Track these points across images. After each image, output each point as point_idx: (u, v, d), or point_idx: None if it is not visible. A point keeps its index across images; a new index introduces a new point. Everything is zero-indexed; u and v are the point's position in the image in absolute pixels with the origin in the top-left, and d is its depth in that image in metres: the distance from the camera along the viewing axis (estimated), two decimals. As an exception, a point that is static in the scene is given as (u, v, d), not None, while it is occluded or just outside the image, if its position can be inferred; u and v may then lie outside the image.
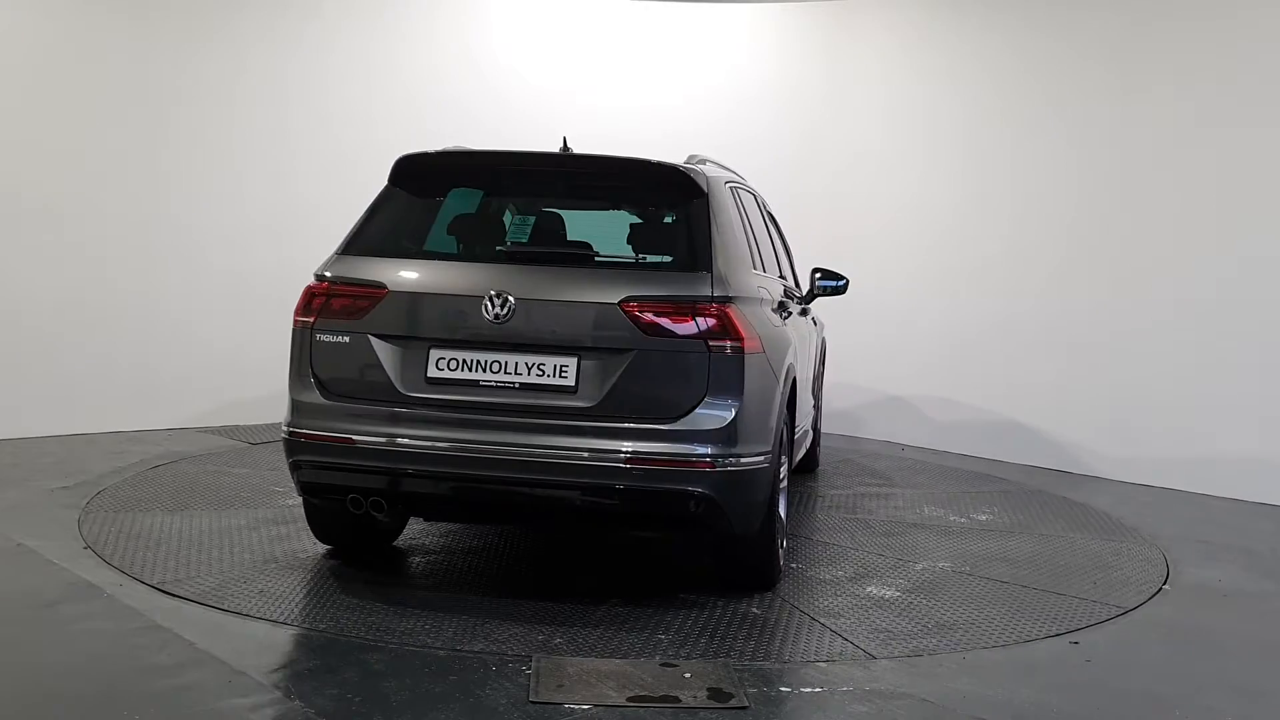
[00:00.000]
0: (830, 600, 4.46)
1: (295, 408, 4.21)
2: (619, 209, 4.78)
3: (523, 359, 4.02)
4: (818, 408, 6.99)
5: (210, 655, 3.56)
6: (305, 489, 4.28)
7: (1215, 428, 7.14)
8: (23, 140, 7.04)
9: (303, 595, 4.20)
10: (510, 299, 4.00)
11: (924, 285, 8.49)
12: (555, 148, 4.76)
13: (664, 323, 3.96)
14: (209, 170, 7.64)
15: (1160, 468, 7.38)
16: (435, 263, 4.37)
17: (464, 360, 4.05)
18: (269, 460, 6.41)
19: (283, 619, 3.94)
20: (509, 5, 8.79)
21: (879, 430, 8.76)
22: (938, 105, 8.53)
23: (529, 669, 3.54)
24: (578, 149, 4.83)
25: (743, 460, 4.02)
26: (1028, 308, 8.02)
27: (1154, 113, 7.41)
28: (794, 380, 4.81)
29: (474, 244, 4.53)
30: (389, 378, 4.08)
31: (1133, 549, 5.47)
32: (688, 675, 3.56)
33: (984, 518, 6.06)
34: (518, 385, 4.02)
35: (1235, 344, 7.05)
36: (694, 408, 3.95)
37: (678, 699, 3.38)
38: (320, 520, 4.63)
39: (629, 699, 3.35)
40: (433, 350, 4.08)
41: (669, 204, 4.43)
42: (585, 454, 3.91)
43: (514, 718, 3.20)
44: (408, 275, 4.23)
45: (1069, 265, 7.83)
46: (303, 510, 4.75)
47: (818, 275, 6.21)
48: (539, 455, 3.93)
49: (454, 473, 4.03)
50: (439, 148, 4.59)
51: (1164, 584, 5.01)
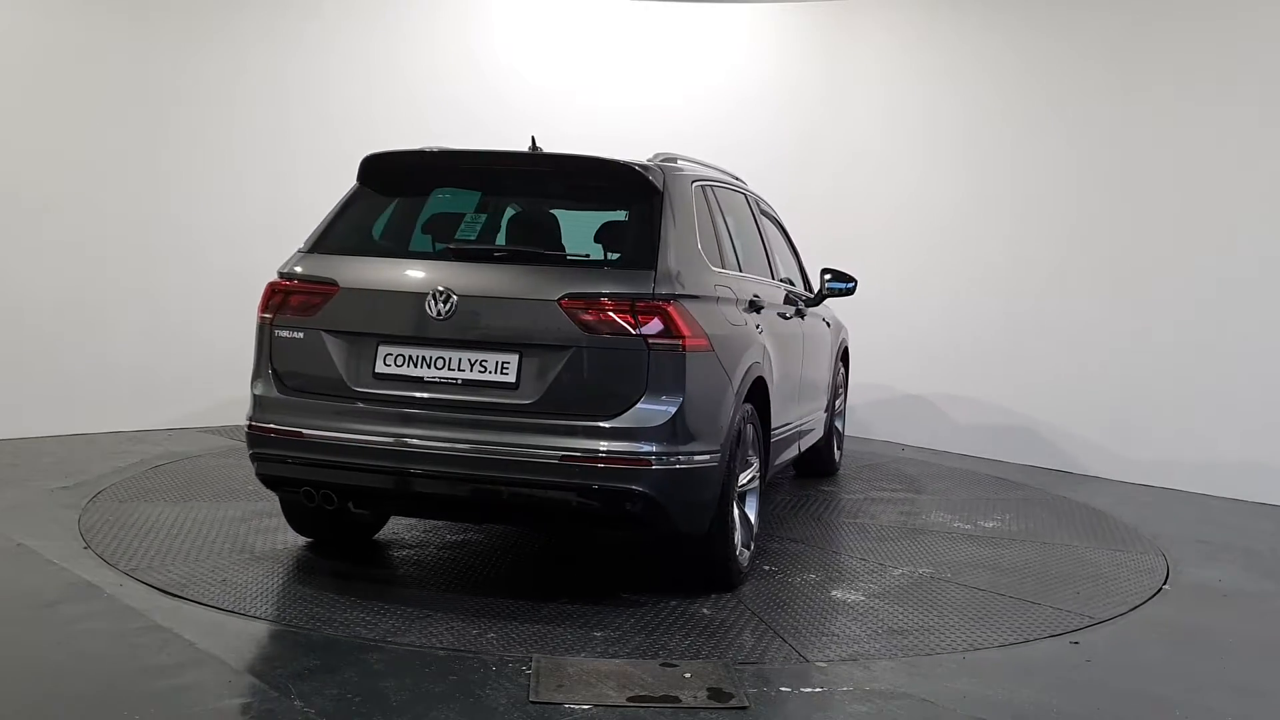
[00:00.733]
0: (787, 603, 4.40)
1: (254, 402, 4.33)
2: (576, 207, 4.76)
3: (465, 355, 4.05)
4: (833, 410, 6.89)
5: (210, 655, 3.56)
6: (264, 481, 4.39)
7: (1215, 428, 7.14)
8: (22, 140, 7.03)
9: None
10: (453, 296, 4.04)
11: (924, 285, 8.50)
12: (552, 147, 4.76)
13: (602, 320, 3.95)
14: (209, 170, 7.64)
15: (1160, 468, 7.38)
16: (385, 260, 4.40)
17: (409, 356, 4.10)
18: (269, 460, 6.39)
19: (283, 619, 3.94)
20: (509, 5, 8.79)
21: (880, 430, 8.76)
22: (937, 105, 8.53)
23: (529, 669, 3.54)
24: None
25: (684, 459, 4.00)
26: (1028, 308, 8.02)
27: (1154, 112, 7.41)
28: (766, 380, 4.73)
29: (424, 242, 4.56)
30: (340, 373, 4.17)
31: (1134, 560, 5.33)
32: (688, 675, 3.56)
33: (990, 524, 5.96)
34: (460, 382, 4.05)
35: (1235, 344, 7.05)
36: (632, 405, 3.94)
37: (678, 699, 3.38)
38: (295, 513, 4.72)
39: (629, 699, 3.35)
40: (381, 346, 4.14)
41: (623, 202, 4.42)
42: (523, 451, 3.92)
43: (514, 718, 3.19)
44: (358, 273, 4.28)
45: (1069, 265, 7.83)
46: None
47: (827, 276, 6.22)
48: (478, 452, 3.95)
49: (396, 467, 4.06)
50: (411, 147, 4.64)
51: (1164, 584, 5.01)
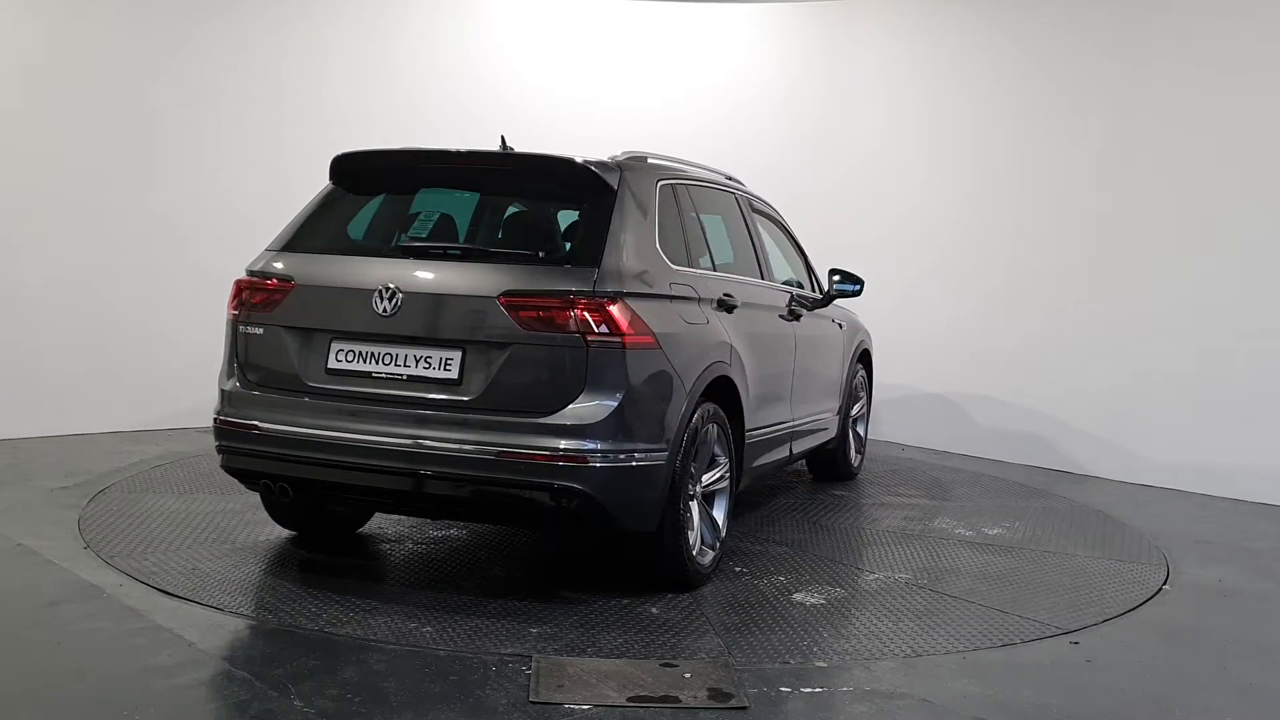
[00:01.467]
0: (742, 605, 4.36)
1: (220, 396, 4.44)
2: (533, 205, 4.75)
3: (411, 351, 4.11)
4: (848, 414, 6.80)
5: (210, 655, 3.56)
6: (229, 473, 4.51)
7: (1215, 428, 7.14)
8: (22, 140, 7.04)
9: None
10: (398, 293, 4.09)
11: (925, 286, 8.49)
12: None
13: (540, 317, 3.97)
14: (209, 171, 7.64)
15: (1160, 468, 7.38)
16: (340, 258, 4.44)
17: (359, 352, 4.18)
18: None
19: (283, 619, 3.94)
20: (508, 5, 8.79)
21: (880, 431, 8.75)
22: (939, 105, 8.52)
23: (529, 669, 3.54)
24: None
25: (625, 456, 4.01)
26: (1028, 307, 8.02)
27: (1158, 112, 7.41)
28: (734, 379, 4.71)
29: (377, 240, 4.60)
30: (295, 369, 4.27)
31: (1130, 571, 5.16)
32: (688, 675, 3.56)
33: (995, 532, 5.80)
34: (406, 377, 4.11)
35: (1236, 344, 7.05)
36: (570, 402, 3.95)
37: (678, 699, 3.38)
38: (273, 506, 4.83)
39: (629, 699, 3.35)
40: (333, 342, 4.22)
41: (578, 199, 4.42)
42: (463, 446, 3.96)
43: (514, 718, 3.20)
44: (314, 270, 4.36)
45: (1070, 265, 7.83)
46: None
47: (836, 278, 6.20)
48: (421, 447, 4.00)
49: (344, 461, 4.12)
50: (381, 146, 4.71)
51: (1164, 584, 5.01)
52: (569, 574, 4.82)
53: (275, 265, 4.42)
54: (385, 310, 4.10)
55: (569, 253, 4.28)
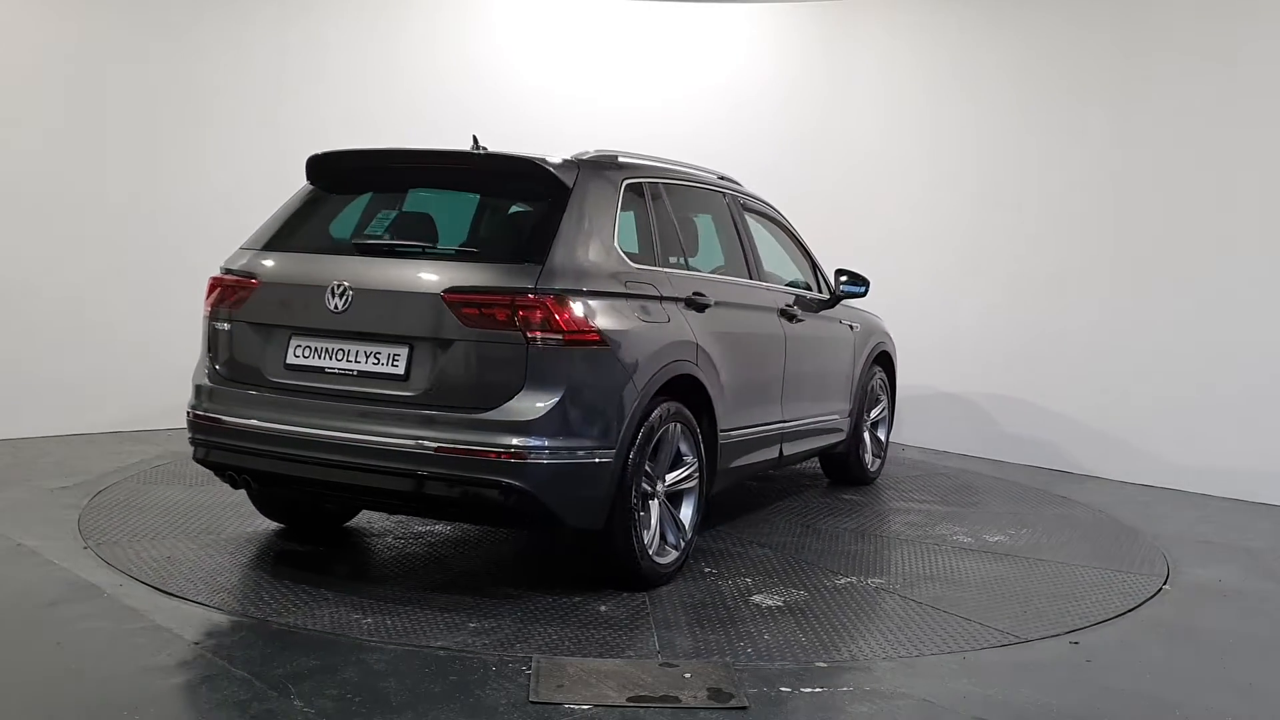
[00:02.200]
0: (695, 605, 4.32)
1: (193, 390, 4.56)
2: (491, 203, 4.79)
3: (362, 348, 4.19)
4: (860, 416, 6.70)
5: (210, 655, 3.56)
6: (201, 465, 4.60)
7: (1215, 428, 7.14)
8: (22, 140, 7.04)
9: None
10: (349, 290, 4.17)
11: (925, 286, 8.49)
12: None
13: (482, 314, 4.01)
14: (209, 171, 7.64)
15: (1160, 468, 7.38)
16: (300, 255, 4.51)
17: (315, 348, 4.28)
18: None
19: (283, 619, 3.94)
20: (509, 5, 8.79)
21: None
22: (940, 105, 8.52)
23: (529, 669, 3.55)
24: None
25: (565, 453, 4.02)
26: (1029, 307, 8.02)
27: (1159, 111, 7.40)
28: (702, 378, 4.69)
29: (336, 238, 4.65)
30: (258, 364, 4.39)
31: (1123, 582, 4.94)
32: (688, 675, 3.57)
33: (995, 539, 5.65)
34: (357, 373, 4.19)
35: (1236, 344, 7.05)
36: (510, 399, 3.97)
37: (678, 699, 3.38)
38: (257, 499, 4.97)
39: (629, 699, 3.35)
40: (293, 338, 4.32)
41: (534, 197, 4.45)
42: (405, 442, 4.01)
43: (514, 718, 3.20)
44: (276, 267, 4.47)
45: (1070, 264, 7.83)
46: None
47: (843, 278, 6.18)
48: (367, 442, 4.06)
49: (298, 455, 4.21)
50: (354, 146, 4.78)
51: (1164, 584, 5.01)
52: (537, 572, 4.81)
53: (242, 263, 4.55)
54: (337, 307, 4.19)
55: (516, 250, 4.29)
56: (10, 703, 3.23)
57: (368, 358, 4.17)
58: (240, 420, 4.34)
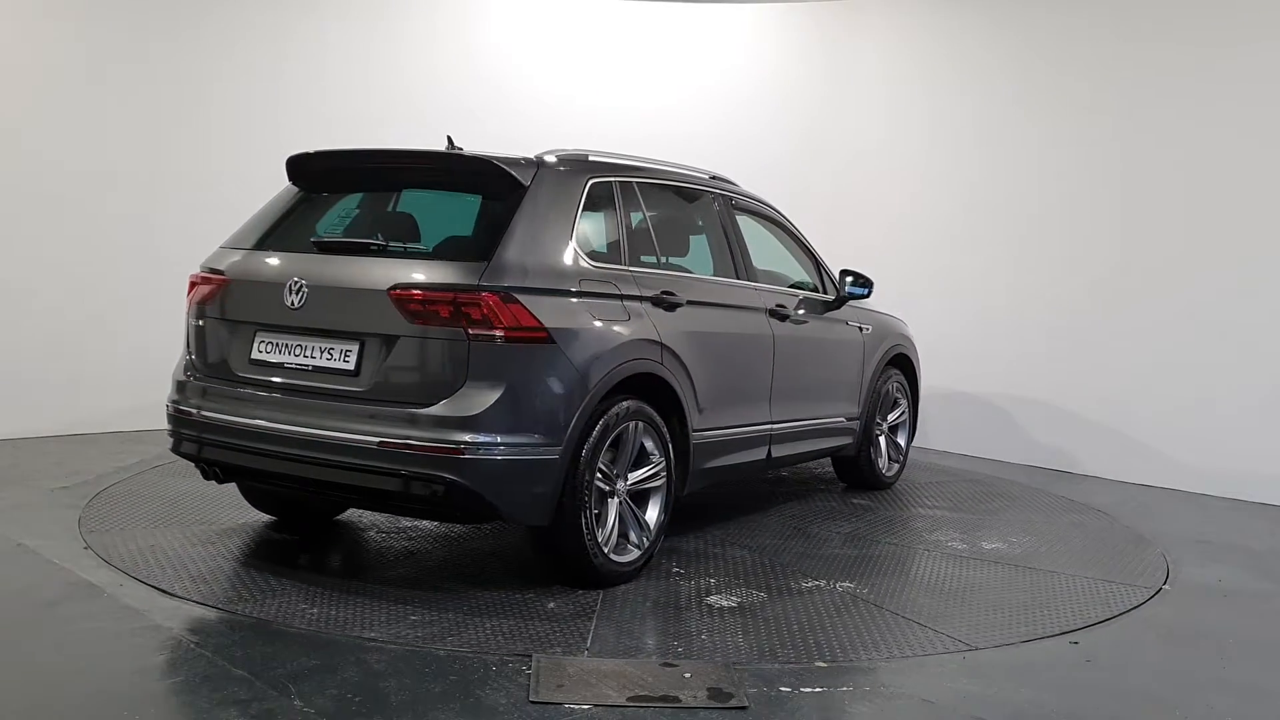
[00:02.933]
0: (645, 604, 4.30)
1: (173, 384, 4.70)
2: (449, 201, 4.82)
3: (317, 343, 4.27)
4: (871, 419, 6.55)
5: (210, 655, 3.56)
6: (180, 457, 4.71)
7: (1215, 428, 7.14)
8: (23, 140, 7.04)
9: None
10: (305, 287, 4.26)
11: (925, 285, 8.49)
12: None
13: (426, 310, 4.05)
14: (210, 172, 7.64)
15: (1160, 468, 7.38)
16: (265, 253, 4.60)
17: (275, 344, 4.38)
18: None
19: (283, 618, 3.94)
20: (509, 5, 8.79)
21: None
22: (940, 104, 8.53)
23: (529, 669, 3.55)
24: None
25: (506, 449, 4.02)
26: (1029, 307, 8.02)
27: (1160, 111, 7.40)
28: (668, 378, 4.68)
29: (299, 236, 4.70)
30: (227, 359, 4.51)
31: (1113, 593, 4.75)
32: (688, 675, 3.57)
33: (991, 546, 5.49)
34: (312, 368, 4.27)
35: (1236, 344, 7.05)
36: (451, 394, 4.01)
37: (678, 699, 3.38)
38: (246, 492, 5.11)
39: (629, 699, 3.35)
40: (257, 334, 4.43)
41: (492, 196, 4.48)
42: (350, 436, 4.07)
43: (514, 718, 3.20)
44: (243, 265, 4.58)
45: (1070, 264, 7.83)
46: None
47: (849, 279, 6.14)
48: (317, 436, 4.14)
49: (257, 448, 4.32)
50: (334, 147, 4.85)
51: (1164, 584, 5.01)
52: (502, 567, 4.80)
53: (215, 261, 4.68)
54: (294, 304, 4.28)
55: (465, 248, 4.33)
56: (11, 703, 3.23)
57: (322, 353, 4.26)
58: (208, 414, 4.47)
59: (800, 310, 5.88)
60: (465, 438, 3.97)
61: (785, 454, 5.84)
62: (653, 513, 4.68)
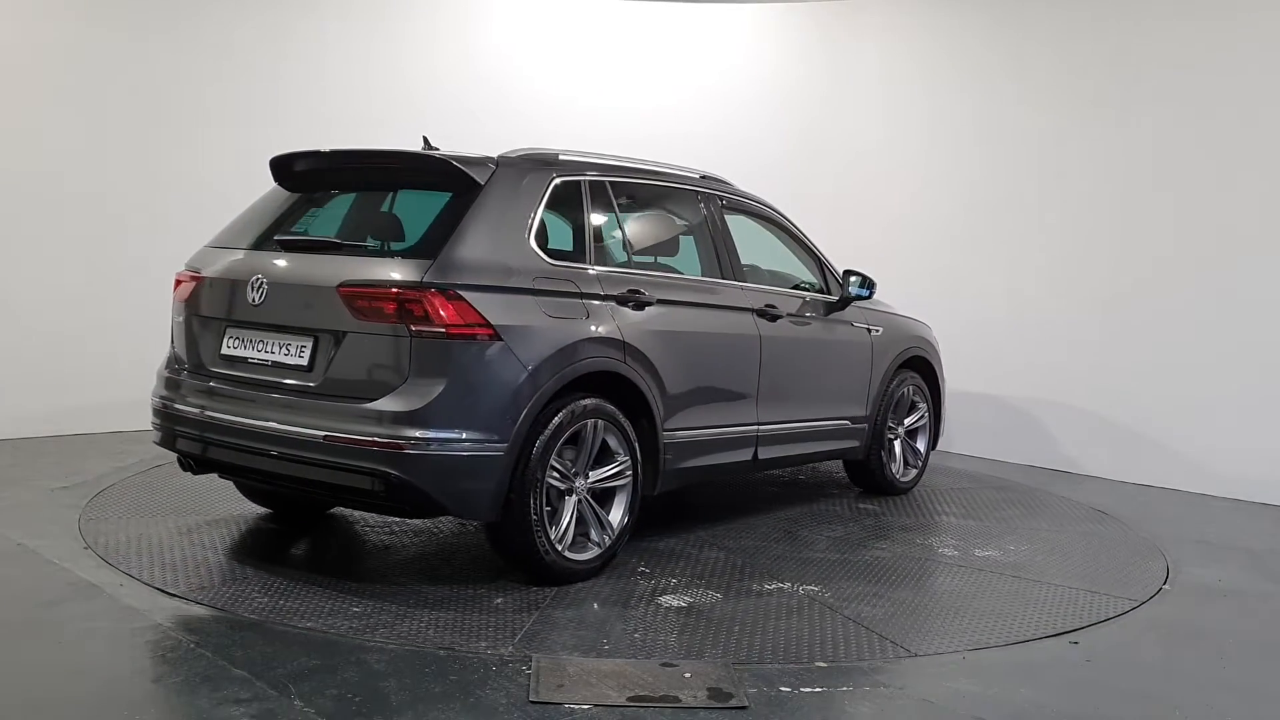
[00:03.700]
0: (593, 601, 4.31)
1: (156, 378, 4.84)
2: (409, 200, 4.85)
3: (276, 339, 4.38)
4: (881, 424, 6.40)
5: (210, 655, 3.56)
6: (162, 448, 4.84)
7: (1215, 428, 7.15)
8: (22, 139, 7.05)
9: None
10: (265, 284, 4.38)
11: (924, 285, 8.48)
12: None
13: (371, 306, 4.12)
14: (210, 173, 7.63)
15: (1160, 468, 7.38)
16: (237, 251, 4.70)
17: (241, 339, 4.51)
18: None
19: (283, 618, 3.94)
20: (509, 6, 8.79)
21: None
22: (941, 105, 8.52)
23: (529, 669, 3.55)
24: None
25: (448, 445, 4.05)
26: (1028, 307, 8.02)
27: (1163, 109, 7.39)
28: (633, 377, 4.67)
29: (269, 235, 4.76)
30: (201, 354, 4.66)
31: (1098, 604, 4.58)
32: (688, 675, 3.57)
33: (984, 553, 5.35)
34: (271, 363, 4.38)
35: (1237, 344, 7.05)
36: (393, 390, 4.06)
37: (678, 699, 3.38)
38: (241, 485, 5.24)
39: (629, 699, 3.35)
40: (227, 329, 4.57)
41: (447, 194, 4.52)
42: (302, 430, 4.15)
43: (514, 718, 3.20)
44: (216, 263, 4.70)
45: (1070, 264, 7.83)
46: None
47: (854, 279, 6.07)
48: (271, 429, 4.24)
49: (219, 440, 4.45)
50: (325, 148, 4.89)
51: (1164, 584, 5.01)
52: (468, 562, 4.81)
53: (195, 259, 4.83)
54: (255, 300, 4.40)
55: (415, 246, 4.36)
56: (11, 703, 3.23)
57: (280, 348, 4.36)
58: (180, 406, 4.60)
59: (797, 311, 5.83)
60: (406, 433, 4.00)
61: (775, 456, 5.74)
62: (616, 511, 4.67)
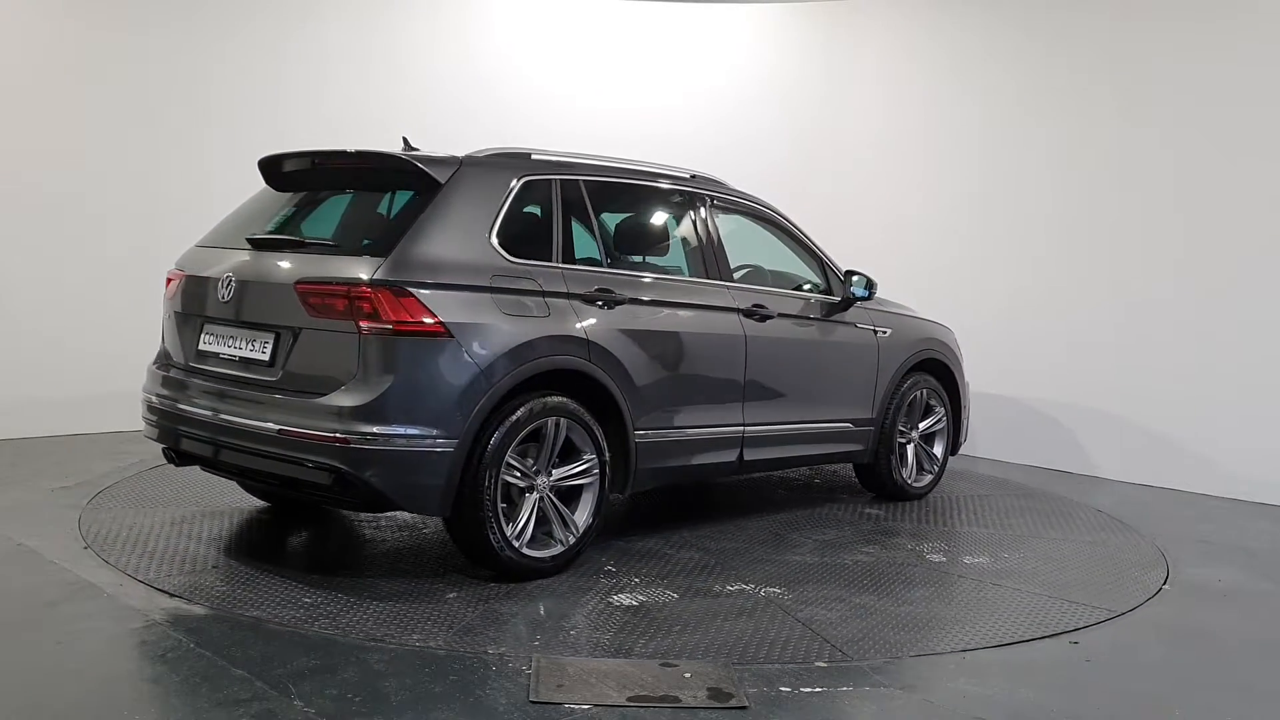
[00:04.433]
0: (546, 598, 4.31)
1: (146, 374, 4.99)
2: (374, 199, 4.90)
3: (244, 335, 4.51)
4: (889, 427, 6.25)
5: (210, 655, 3.57)
6: (150, 440, 4.96)
7: (1215, 428, 7.15)
8: (24, 140, 7.05)
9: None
10: (233, 281, 4.51)
11: (923, 286, 8.48)
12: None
13: (323, 303, 4.22)
14: (209, 173, 7.63)
15: (1160, 468, 7.38)
16: (214, 250, 4.84)
17: (215, 335, 4.64)
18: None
19: (283, 619, 3.94)
20: (509, 5, 8.79)
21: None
22: (941, 106, 8.52)
23: (529, 669, 3.55)
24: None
25: (394, 439, 4.10)
26: (1028, 307, 8.02)
27: (1163, 109, 7.39)
28: (600, 376, 4.67)
29: (242, 233, 4.82)
30: (181, 349, 4.83)
31: (1077, 613, 4.42)
32: (688, 675, 3.57)
33: (974, 560, 5.22)
34: (238, 359, 4.51)
35: (1236, 344, 7.05)
36: (341, 385, 4.14)
37: (678, 699, 3.38)
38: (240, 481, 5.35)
39: (629, 699, 3.35)
40: (204, 326, 4.71)
41: (411, 193, 4.57)
42: (260, 424, 4.27)
43: (514, 718, 3.20)
44: (195, 261, 4.87)
45: (1070, 264, 7.83)
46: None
47: (854, 279, 6.01)
48: (234, 422, 4.38)
49: (192, 433, 4.60)
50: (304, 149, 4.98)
51: (1164, 584, 5.01)
52: (437, 557, 4.84)
53: (183, 258, 4.98)
54: (224, 297, 4.54)
55: (370, 244, 4.42)
56: (11, 703, 3.23)
57: (247, 344, 4.48)
58: (163, 401, 4.76)
59: (793, 311, 5.77)
60: (353, 427, 4.07)
61: (764, 458, 5.65)
62: (582, 510, 4.68)
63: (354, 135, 8.08)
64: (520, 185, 4.71)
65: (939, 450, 6.73)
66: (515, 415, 4.37)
